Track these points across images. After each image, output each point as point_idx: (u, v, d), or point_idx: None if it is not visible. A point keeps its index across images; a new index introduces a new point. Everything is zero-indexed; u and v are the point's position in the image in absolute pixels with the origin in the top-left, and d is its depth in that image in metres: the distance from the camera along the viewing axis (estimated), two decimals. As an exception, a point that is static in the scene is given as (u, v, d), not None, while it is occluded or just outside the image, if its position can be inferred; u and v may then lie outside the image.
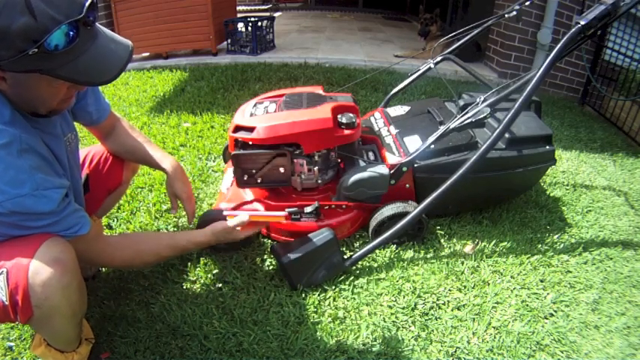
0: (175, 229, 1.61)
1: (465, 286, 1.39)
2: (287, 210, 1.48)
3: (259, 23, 4.03)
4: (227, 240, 1.27)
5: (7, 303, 0.83)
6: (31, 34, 0.70)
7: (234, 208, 1.49)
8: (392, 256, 1.49)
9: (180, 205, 1.35)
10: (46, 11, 0.70)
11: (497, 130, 1.31)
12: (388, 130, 1.72)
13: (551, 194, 1.97)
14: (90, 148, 1.35)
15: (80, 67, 0.77)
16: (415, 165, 1.52)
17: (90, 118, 1.19)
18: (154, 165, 1.33)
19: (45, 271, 0.83)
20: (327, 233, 1.32)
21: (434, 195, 1.35)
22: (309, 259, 1.30)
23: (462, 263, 1.49)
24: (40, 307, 0.84)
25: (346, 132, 1.45)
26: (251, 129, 1.40)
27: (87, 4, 0.76)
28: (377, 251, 1.50)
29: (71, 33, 0.73)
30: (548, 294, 1.40)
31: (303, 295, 1.32)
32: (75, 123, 1.14)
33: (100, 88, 1.22)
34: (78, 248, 0.92)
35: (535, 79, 1.29)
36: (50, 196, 0.83)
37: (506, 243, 1.60)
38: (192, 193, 1.39)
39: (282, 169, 1.44)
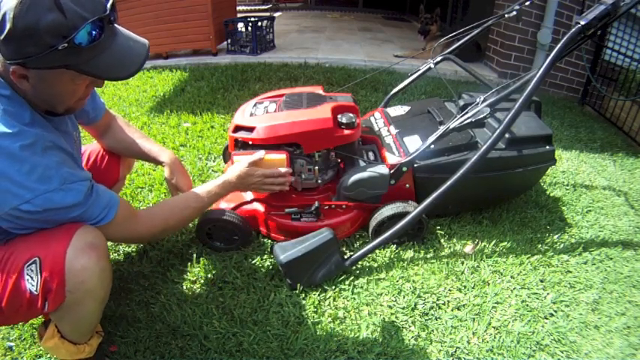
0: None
1: (465, 286, 1.39)
2: (286, 210, 1.48)
3: (259, 23, 4.03)
4: (250, 184, 1.31)
5: (36, 293, 0.84)
6: (60, 30, 0.74)
7: (234, 208, 1.49)
8: (392, 256, 1.49)
9: None
10: (73, 9, 0.75)
11: (498, 130, 1.31)
12: (388, 130, 1.72)
13: (551, 194, 1.97)
14: (86, 147, 1.36)
15: (103, 63, 0.82)
16: (415, 165, 1.52)
17: (87, 116, 1.22)
18: (152, 159, 1.34)
19: (83, 256, 0.86)
20: (326, 233, 1.32)
21: (434, 195, 1.35)
22: (308, 260, 1.30)
23: (462, 263, 1.49)
24: (73, 293, 0.87)
25: (346, 132, 1.45)
26: (251, 129, 1.40)
27: (109, 3, 0.82)
28: (377, 251, 1.50)
29: (96, 30, 0.78)
30: (548, 294, 1.40)
31: (303, 295, 1.32)
32: None
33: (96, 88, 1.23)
34: (109, 232, 0.95)
35: (535, 79, 1.29)
36: (77, 189, 0.86)
37: (506, 243, 1.60)
38: (193, 184, 1.40)
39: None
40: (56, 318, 0.97)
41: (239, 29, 4.06)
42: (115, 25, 0.86)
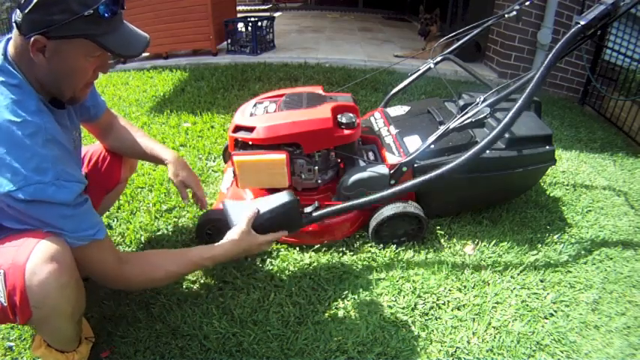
0: (175, 229, 1.61)
1: (465, 286, 1.39)
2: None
3: (259, 23, 4.03)
4: (254, 253, 1.26)
5: (5, 304, 0.83)
6: (86, 0, 0.81)
7: None
8: (392, 256, 1.49)
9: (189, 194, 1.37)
10: None
11: (498, 128, 1.28)
12: (388, 130, 1.73)
13: (551, 194, 1.97)
14: (88, 148, 1.35)
15: (115, 39, 0.88)
16: (415, 165, 1.52)
17: (88, 113, 1.22)
18: (155, 158, 1.34)
19: (41, 271, 0.82)
20: (285, 195, 1.24)
21: (428, 176, 1.31)
22: (270, 225, 1.23)
23: (462, 263, 1.49)
24: (38, 308, 0.84)
25: (346, 132, 1.45)
26: (251, 129, 1.40)
27: None
28: (377, 251, 1.50)
29: (115, 6, 0.85)
30: (548, 294, 1.39)
31: (303, 295, 1.32)
32: None
33: (98, 87, 1.24)
34: (93, 257, 0.94)
35: (536, 78, 1.28)
36: (70, 188, 0.85)
37: (506, 243, 1.60)
38: (199, 179, 1.41)
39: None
40: (35, 328, 0.97)
41: (239, 29, 4.06)
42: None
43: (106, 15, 0.83)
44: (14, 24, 0.84)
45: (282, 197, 1.24)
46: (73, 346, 1.03)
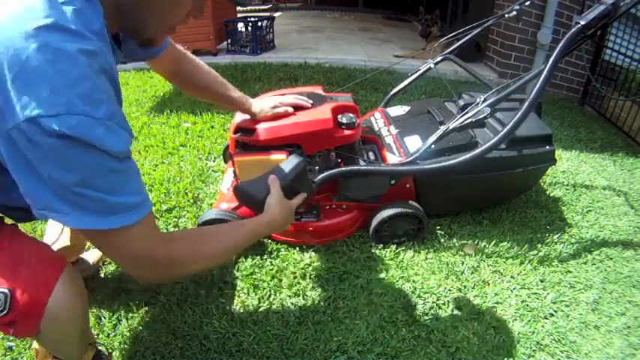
0: (175, 229, 1.61)
1: (465, 286, 1.39)
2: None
3: (259, 23, 4.03)
4: (291, 220, 1.06)
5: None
6: None
7: (235, 208, 1.48)
8: (392, 256, 1.49)
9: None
10: None
11: (504, 131, 1.27)
12: (388, 130, 1.73)
13: (551, 194, 1.97)
14: None
15: None
16: (415, 165, 1.52)
17: (149, 51, 1.04)
18: (233, 103, 1.33)
19: (65, 299, 0.77)
20: (294, 157, 1.19)
21: (431, 166, 1.35)
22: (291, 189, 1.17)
23: (462, 263, 1.49)
24: (45, 330, 0.78)
25: (346, 132, 1.45)
26: (252, 130, 1.41)
27: None
28: (377, 251, 1.50)
29: None
30: (548, 294, 1.40)
31: (303, 295, 1.32)
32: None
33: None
34: (133, 236, 0.70)
35: (540, 82, 1.25)
36: (123, 135, 0.65)
37: (506, 243, 1.60)
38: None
39: None
40: (39, 342, 0.91)
41: (239, 29, 4.06)
42: None
43: None
44: None
45: (293, 160, 1.21)
46: (77, 356, 0.99)
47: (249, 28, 4.00)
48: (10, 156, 0.60)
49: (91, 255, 1.38)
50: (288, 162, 1.20)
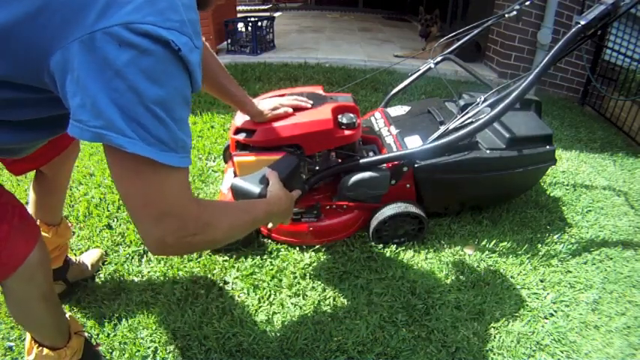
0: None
1: (465, 286, 1.39)
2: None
3: (259, 23, 4.03)
4: (291, 210, 1.09)
5: None
6: None
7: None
8: (392, 256, 1.49)
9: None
10: None
11: (494, 112, 1.33)
12: (388, 130, 1.73)
13: (551, 194, 1.97)
14: None
15: None
16: (416, 165, 1.52)
17: None
18: (234, 101, 1.34)
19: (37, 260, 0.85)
20: (290, 156, 1.22)
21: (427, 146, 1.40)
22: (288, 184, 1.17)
23: (462, 263, 1.49)
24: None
25: (347, 132, 1.45)
26: (252, 130, 1.41)
27: None
28: (377, 251, 1.50)
29: None
30: (548, 294, 1.40)
31: (303, 295, 1.32)
32: None
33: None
34: (173, 188, 0.65)
35: (531, 76, 1.29)
36: (201, 77, 0.65)
37: (506, 243, 1.60)
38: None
39: None
40: (20, 324, 0.96)
41: (239, 29, 4.06)
42: None
43: None
44: None
45: (288, 157, 1.25)
46: (62, 342, 1.02)
47: (249, 28, 3.99)
48: (83, 61, 0.54)
49: (90, 256, 1.38)
50: (282, 159, 1.22)
